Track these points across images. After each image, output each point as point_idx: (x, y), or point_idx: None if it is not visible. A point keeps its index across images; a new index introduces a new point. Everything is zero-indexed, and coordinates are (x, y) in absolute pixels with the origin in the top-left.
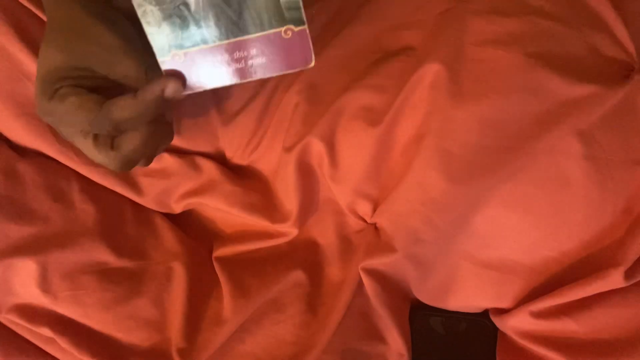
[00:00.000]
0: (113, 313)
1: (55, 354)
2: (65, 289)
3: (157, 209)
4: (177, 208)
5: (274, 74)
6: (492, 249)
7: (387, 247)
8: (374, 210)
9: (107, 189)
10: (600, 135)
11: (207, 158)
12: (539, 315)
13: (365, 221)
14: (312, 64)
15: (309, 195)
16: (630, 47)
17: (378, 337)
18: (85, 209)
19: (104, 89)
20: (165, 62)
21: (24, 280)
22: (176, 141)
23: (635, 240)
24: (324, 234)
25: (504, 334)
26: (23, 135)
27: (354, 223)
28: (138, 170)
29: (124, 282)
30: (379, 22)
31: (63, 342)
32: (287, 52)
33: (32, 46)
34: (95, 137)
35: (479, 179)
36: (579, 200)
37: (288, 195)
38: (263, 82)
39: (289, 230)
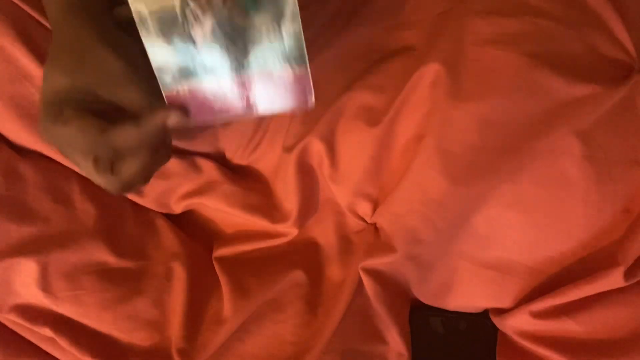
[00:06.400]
0: (113, 313)
1: (55, 354)
2: (65, 289)
3: (157, 210)
4: (178, 208)
5: (275, 112)
6: (492, 249)
7: (387, 247)
8: (374, 210)
9: None
10: (599, 135)
11: (207, 158)
12: (539, 315)
13: (365, 221)
14: (312, 104)
15: (309, 195)
16: (630, 47)
17: (378, 337)
18: (85, 210)
19: (108, 113)
20: (170, 94)
21: (25, 280)
22: (176, 142)
23: (635, 240)
24: (324, 234)
25: (504, 334)
26: (24, 136)
27: (354, 223)
28: None
29: (124, 282)
30: (379, 22)
31: (63, 342)
32: (288, 91)
33: (33, 48)
34: (96, 160)
35: (478, 179)
36: (579, 200)
37: (288, 195)
38: None
39: (289, 230)
